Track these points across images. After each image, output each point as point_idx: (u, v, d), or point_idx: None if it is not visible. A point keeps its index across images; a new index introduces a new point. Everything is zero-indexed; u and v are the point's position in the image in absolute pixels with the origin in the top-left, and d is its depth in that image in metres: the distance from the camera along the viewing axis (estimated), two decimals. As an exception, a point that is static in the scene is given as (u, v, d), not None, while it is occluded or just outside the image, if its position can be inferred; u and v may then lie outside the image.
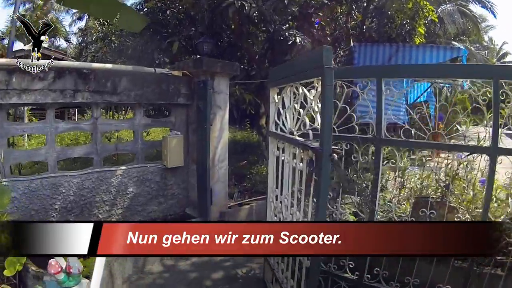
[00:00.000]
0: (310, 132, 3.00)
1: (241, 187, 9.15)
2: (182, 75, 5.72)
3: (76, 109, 23.10)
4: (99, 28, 13.11)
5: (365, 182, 4.17)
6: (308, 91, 3.10)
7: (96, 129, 5.32)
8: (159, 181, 5.82)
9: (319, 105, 2.84)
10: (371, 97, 3.79)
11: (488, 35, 31.97)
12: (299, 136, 3.21)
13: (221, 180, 6.03)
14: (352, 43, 9.02)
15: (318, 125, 2.84)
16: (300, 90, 3.22)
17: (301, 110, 3.23)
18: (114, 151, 5.60)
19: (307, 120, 3.17)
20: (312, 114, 3.08)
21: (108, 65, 5.33)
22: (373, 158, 3.81)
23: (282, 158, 3.62)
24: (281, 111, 3.76)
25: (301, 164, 3.09)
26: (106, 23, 13.04)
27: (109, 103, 5.28)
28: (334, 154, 2.72)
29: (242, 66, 7.81)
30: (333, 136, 2.96)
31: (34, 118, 18.84)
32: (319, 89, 2.84)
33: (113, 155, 6.16)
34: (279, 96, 3.87)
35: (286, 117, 3.63)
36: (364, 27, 10.41)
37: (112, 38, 11.98)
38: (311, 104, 3.00)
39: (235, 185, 9.33)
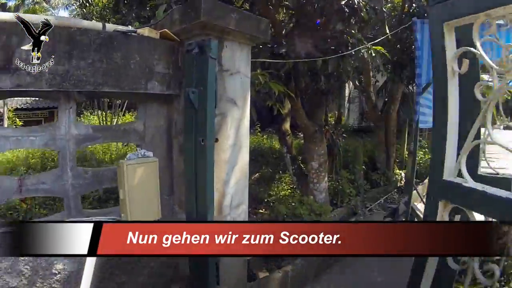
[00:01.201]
0: None
1: (257, 217, 6.11)
2: (159, 38, 2.68)
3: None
4: (78, 10, 10.10)
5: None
6: None
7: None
8: (113, 247, 2.76)
9: None
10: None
11: None
12: None
13: (235, 239, 2.97)
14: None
15: None
16: None
17: None
18: (17, 194, 2.51)
19: None
20: None
21: None
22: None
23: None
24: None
25: None
26: (87, 4, 10.09)
27: (-13, 90, 2.23)
28: None
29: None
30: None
31: (18, 121, 15.81)
32: None
33: (21, 199, 3.08)
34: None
35: None
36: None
37: (93, 20, 8.93)
38: None
39: (248, 214, 6.30)
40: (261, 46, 4.71)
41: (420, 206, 6.68)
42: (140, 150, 2.59)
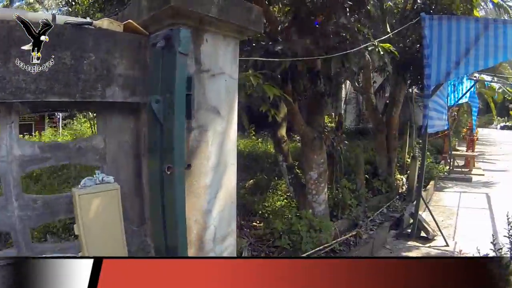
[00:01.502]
0: None
1: (250, 232, 5.50)
2: (123, 31, 2.09)
3: (61, 114, 18.98)
4: (64, 9, 9.47)
5: None
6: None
7: None
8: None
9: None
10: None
11: None
12: None
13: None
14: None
15: None
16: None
17: None
18: None
19: None
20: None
21: None
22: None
23: None
24: None
25: None
26: (73, 3, 9.47)
27: None
28: None
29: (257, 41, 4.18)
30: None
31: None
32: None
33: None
34: None
35: None
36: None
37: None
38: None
39: (240, 226, 5.67)
40: (254, 44, 4.12)
41: (425, 215, 6.17)
42: (99, 174, 1.99)
